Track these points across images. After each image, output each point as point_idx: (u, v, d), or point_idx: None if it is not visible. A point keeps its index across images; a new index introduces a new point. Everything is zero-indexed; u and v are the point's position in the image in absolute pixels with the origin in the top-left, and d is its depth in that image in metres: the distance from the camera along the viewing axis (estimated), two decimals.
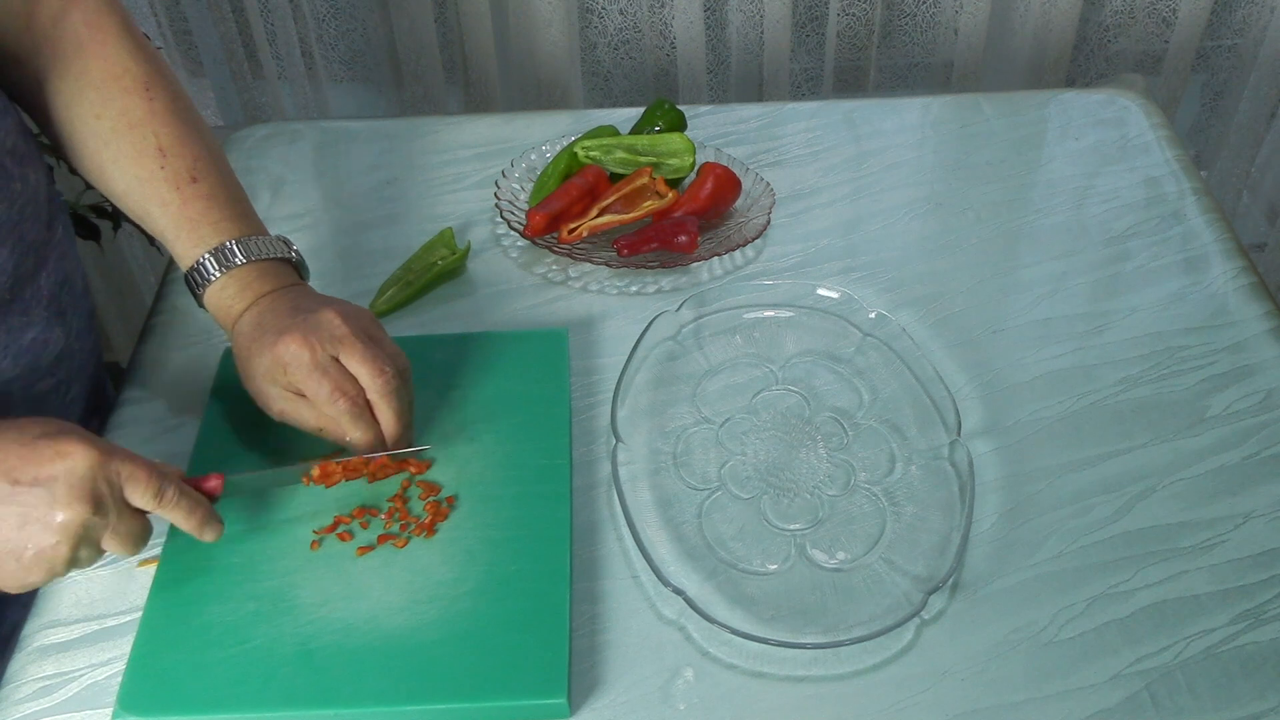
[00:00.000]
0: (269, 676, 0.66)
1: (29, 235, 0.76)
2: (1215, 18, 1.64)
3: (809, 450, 0.80)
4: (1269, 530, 0.75)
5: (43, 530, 0.61)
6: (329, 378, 0.71)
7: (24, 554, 0.62)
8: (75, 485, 0.61)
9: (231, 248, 0.76)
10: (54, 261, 0.80)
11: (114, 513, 0.63)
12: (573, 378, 0.85)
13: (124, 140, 0.76)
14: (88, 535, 0.63)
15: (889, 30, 1.65)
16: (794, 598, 0.71)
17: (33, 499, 0.61)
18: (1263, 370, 0.85)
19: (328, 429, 0.72)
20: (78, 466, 0.62)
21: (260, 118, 1.66)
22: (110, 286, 1.75)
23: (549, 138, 1.07)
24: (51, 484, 0.61)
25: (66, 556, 0.62)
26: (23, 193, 0.75)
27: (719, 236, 0.97)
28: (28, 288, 0.76)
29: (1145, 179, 1.04)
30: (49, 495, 0.61)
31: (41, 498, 0.61)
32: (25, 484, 0.61)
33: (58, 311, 0.80)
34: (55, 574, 0.63)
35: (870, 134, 1.10)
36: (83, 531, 0.62)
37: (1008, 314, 0.90)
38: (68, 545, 0.62)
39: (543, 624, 0.68)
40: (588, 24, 1.59)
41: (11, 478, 0.61)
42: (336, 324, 0.71)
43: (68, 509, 0.61)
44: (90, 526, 0.62)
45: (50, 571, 0.63)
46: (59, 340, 0.80)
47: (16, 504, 0.61)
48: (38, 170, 0.78)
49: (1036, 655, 0.68)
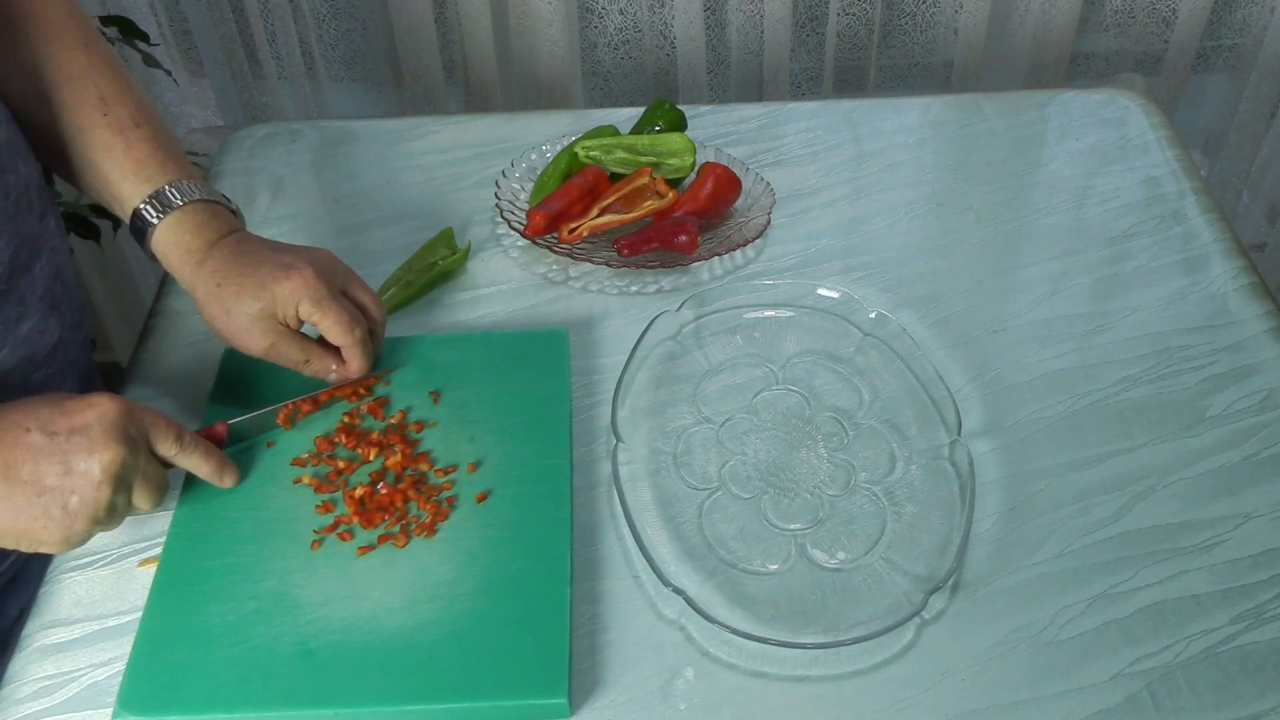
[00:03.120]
0: (269, 676, 0.66)
1: (24, 227, 0.76)
2: (1215, 18, 1.64)
3: (809, 450, 0.80)
4: (1269, 530, 0.75)
5: (85, 474, 0.64)
6: (346, 309, 0.76)
7: (69, 502, 0.64)
8: (109, 428, 0.65)
9: (186, 185, 0.78)
10: (47, 254, 0.80)
11: (143, 456, 0.67)
12: (573, 378, 0.85)
13: (63, 91, 0.77)
14: (124, 477, 0.66)
15: (889, 30, 1.65)
16: (794, 598, 0.71)
17: (71, 446, 0.64)
18: (1263, 370, 0.85)
19: (313, 361, 0.78)
20: (108, 412, 0.65)
21: (260, 118, 1.66)
22: (110, 286, 1.75)
23: (549, 138, 1.07)
24: (88, 430, 0.64)
25: (109, 499, 0.65)
26: (16, 185, 0.75)
27: (719, 236, 0.97)
28: (23, 279, 0.76)
29: (1145, 179, 1.04)
30: (86, 440, 0.64)
31: (79, 444, 0.64)
32: (63, 433, 0.64)
33: (52, 303, 0.80)
34: (97, 521, 0.65)
35: (870, 134, 1.10)
36: (121, 471, 0.65)
37: (1008, 314, 0.90)
38: (109, 486, 0.65)
39: (543, 624, 0.68)
40: (588, 24, 1.59)
41: (48, 430, 0.64)
42: (335, 261, 0.79)
43: (105, 449, 0.64)
44: (127, 467, 0.65)
45: (93, 519, 0.65)
46: (54, 331, 0.80)
47: (57, 453, 0.64)
48: (29, 162, 0.78)
49: (1036, 655, 0.68)
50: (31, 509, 0.64)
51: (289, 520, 0.74)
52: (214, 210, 0.79)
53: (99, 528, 0.67)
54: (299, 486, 0.76)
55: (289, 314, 0.76)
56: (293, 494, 0.75)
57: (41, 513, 0.64)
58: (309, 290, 0.75)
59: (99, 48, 0.80)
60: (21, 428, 0.64)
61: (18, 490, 0.64)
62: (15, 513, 0.64)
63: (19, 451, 0.64)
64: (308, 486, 0.75)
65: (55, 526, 0.65)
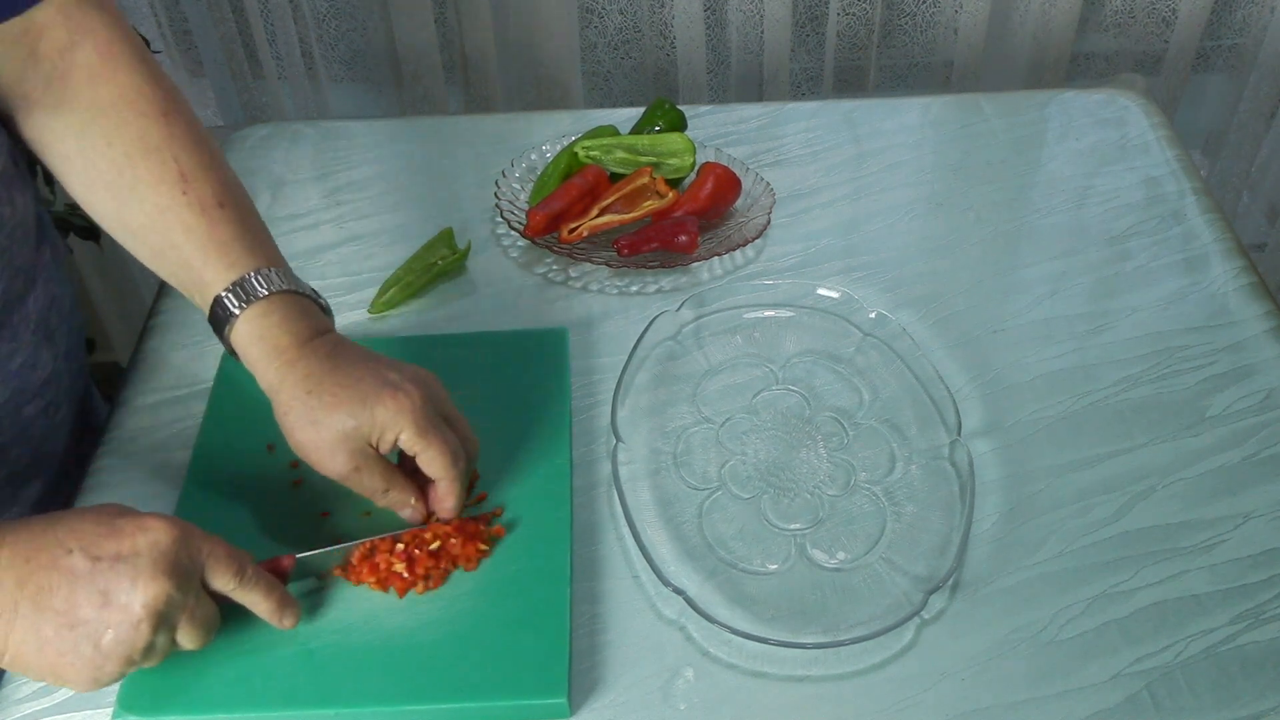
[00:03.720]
0: (269, 676, 0.66)
1: (17, 259, 0.74)
2: (1215, 18, 1.64)
3: (809, 450, 0.80)
4: (1269, 530, 0.75)
5: (125, 609, 0.57)
6: (448, 442, 0.68)
7: (103, 638, 0.57)
8: (159, 558, 0.58)
9: (274, 273, 0.70)
10: (42, 284, 0.78)
11: (193, 593, 0.60)
12: (573, 378, 0.85)
13: (140, 166, 0.70)
14: (168, 616, 0.59)
15: (889, 30, 1.65)
16: (794, 598, 0.71)
17: (115, 575, 0.57)
18: (1263, 370, 0.85)
19: (394, 492, 0.69)
20: (161, 540, 0.58)
21: (260, 118, 1.66)
22: (110, 286, 1.75)
23: (549, 138, 1.07)
24: (135, 559, 0.57)
25: (147, 640, 0.58)
26: (11, 217, 0.73)
27: (719, 236, 0.97)
28: (16, 312, 0.74)
29: (1145, 179, 1.04)
30: (132, 570, 0.57)
31: (124, 573, 0.57)
32: (107, 559, 0.57)
33: (46, 334, 0.78)
34: (131, 663, 0.59)
35: (870, 134, 1.10)
36: (166, 609, 0.58)
37: (1008, 314, 0.90)
38: (149, 625, 0.58)
39: (543, 624, 0.68)
40: (588, 24, 1.59)
41: (92, 555, 0.57)
42: (438, 385, 0.70)
43: (152, 582, 0.57)
44: (173, 605, 0.58)
45: (128, 660, 0.58)
46: (47, 363, 0.78)
47: (97, 582, 0.57)
48: (25, 193, 0.76)
49: (1036, 655, 0.68)
50: (60, 642, 0.57)
51: (289, 521, 0.74)
52: (304, 305, 0.71)
53: (132, 669, 0.60)
54: (300, 488, 0.76)
55: (386, 438, 0.67)
56: (293, 494, 0.75)
57: (70, 648, 0.57)
58: (414, 415, 0.67)
59: (179, 115, 0.72)
60: (64, 548, 0.57)
61: (47, 620, 0.57)
62: (41, 644, 0.57)
63: (55, 575, 0.57)
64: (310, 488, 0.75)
65: (84, 665, 0.57)
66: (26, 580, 0.57)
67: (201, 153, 0.72)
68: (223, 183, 0.72)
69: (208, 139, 0.74)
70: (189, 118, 0.73)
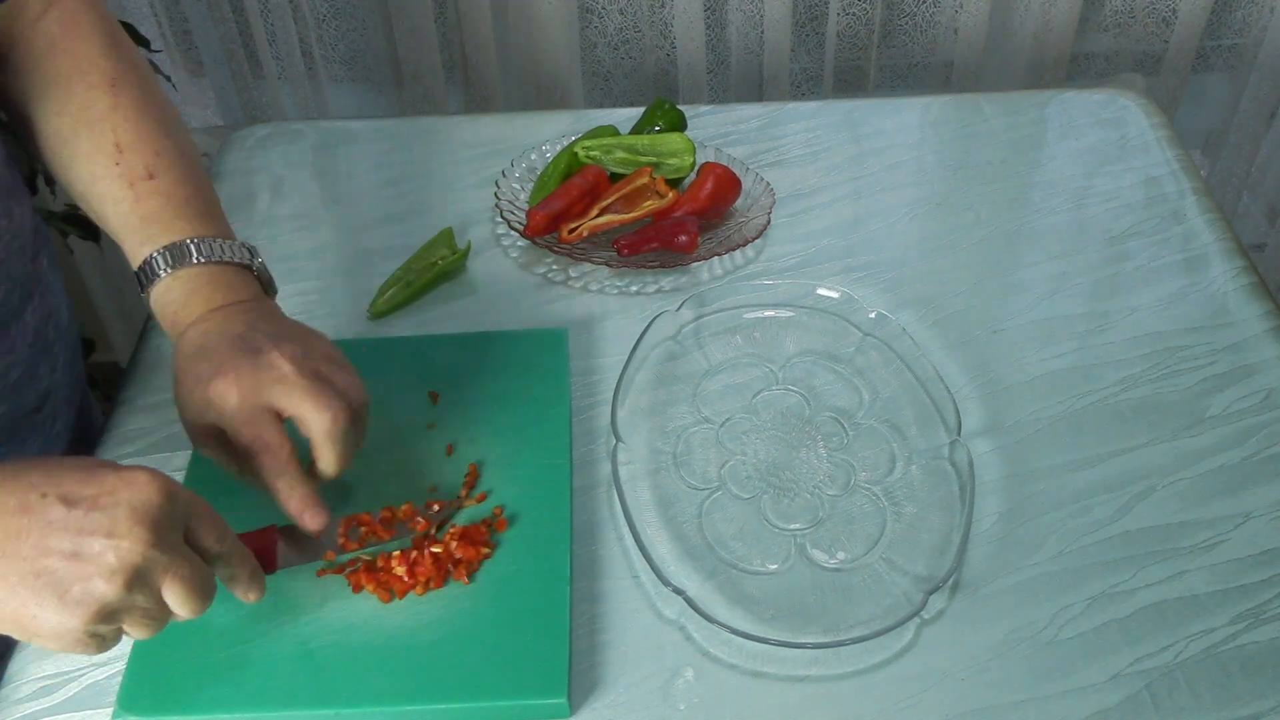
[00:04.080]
0: (269, 676, 0.66)
1: (15, 271, 0.74)
2: (1215, 18, 1.64)
3: (809, 450, 0.80)
4: (1269, 530, 0.75)
5: (96, 559, 0.53)
6: (251, 428, 0.64)
7: (68, 590, 0.53)
8: (140, 510, 0.54)
9: (185, 245, 0.69)
10: (39, 296, 0.78)
11: (177, 552, 0.56)
12: (573, 378, 0.85)
13: (81, 137, 0.72)
14: (145, 574, 0.55)
15: (889, 30, 1.65)
16: (794, 598, 0.71)
17: (90, 523, 0.53)
18: (1263, 370, 0.85)
19: (250, 480, 0.67)
20: (144, 492, 0.55)
21: (260, 118, 1.66)
22: (110, 286, 1.75)
23: (549, 138, 1.07)
24: (114, 509, 0.54)
25: (119, 596, 0.54)
26: (9, 229, 0.73)
27: (719, 236, 0.97)
28: (13, 325, 0.74)
29: (1145, 179, 1.04)
30: (109, 520, 0.54)
31: (99, 522, 0.53)
32: (82, 507, 0.54)
33: (44, 347, 0.78)
34: (100, 618, 0.54)
35: (870, 134, 1.10)
36: (143, 565, 0.54)
37: (1008, 314, 0.90)
38: (123, 579, 0.54)
39: (543, 624, 0.68)
40: (588, 24, 1.59)
41: (67, 500, 0.54)
42: (280, 364, 0.64)
43: (128, 535, 0.53)
44: (151, 562, 0.54)
45: (95, 613, 0.54)
46: (44, 375, 0.78)
47: (69, 529, 0.53)
48: (23, 204, 0.76)
49: (1036, 655, 0.68)
50: (24, 589, 0.53)
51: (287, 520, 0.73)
52: (213, 275, 0.70)
53: (106, 628, 0.55)
54: None
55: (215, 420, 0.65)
56: None
57: (32, 597, 0.53)
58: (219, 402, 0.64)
59: (130, 87, 0.73)
60: (38, 491, 0.54)
61: (13, 565, 0.53)
62: (7, 592, 0.53)
63: (25, 519, 0.53)
64: None
65: (48, 619, 0.53)
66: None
67: (144, 122, 0.72)
68: (157, 153, 0.72)
69: (158, 109, 0.74)
70: (141, 88, 0.74)
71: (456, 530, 0.71)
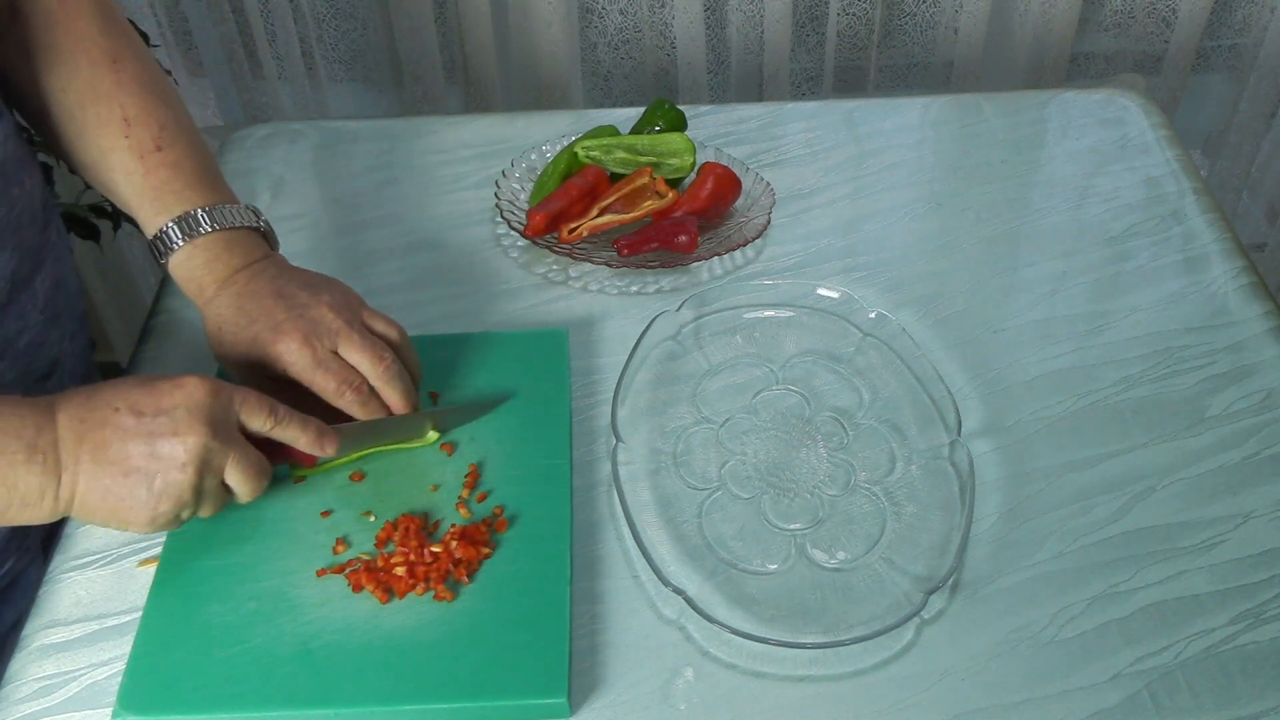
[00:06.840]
0: (269, 676, 0.66)
1: (26, 240, 0.76)
2: (1215, 18, 1.64)
3: (809, 450, 0.80)
4: (1269, 530, 0.75)
5: (170, 457, 0.64)
6: (334, 374, 0.73)
7: (154, 482, 0.65)
8: (194, 410, 0.65)
9: (196, 215, 0.75)
10: (49, 265, 0.80)
11: (234, 441, 0.67)
12: (573, 378, 0.85)
13: (89, 112, 0.76)
14: (210, 461, 0.66)
15: (889, 30, 1.65)
16: (794, 598, 0.71)
17: (158, 427, 0.64)
18: (1263, 370, 0.85)
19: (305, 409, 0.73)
20: (194, 394, 0.66)
21: (260, 118, 1.66)
22: (110, 286, 1.75)
23: (549, 138, 1.07)
24: (174, 411, 0.65)
25: (193, 482, 0.65)
26: (20, 198, 0.75)
27: (719, 236, 0.97)
28: (24, 292, 0.76)
29: (1145, 179, 1.04)
30: (171, 422, 0.65)
31: (165, 425, 0.64)
32: (149, 414, 0.65)
33: (53, 315, 0.79)
34: (183, 503, 0.66)
35: (870, 134, 1.10)
36: (206, 454, 0.65)
37: (1008, 314, 0.90)
38: (194, 468, 0.65)
39: (543, 624, 0.68)
40: (588, 24, 1.59)
41: (136, 411, 0.65)
42: (330, 318, 0.74)
43: (189, 432, 0.64)
44: (212, 452, 0.65)
45: (178, 500, 0.65)
46: (54, 343, 0.80)
47: (143, 434, 0.64)
48: (33, 174, 0.78)
49: (1036, 655, 0.68)
50: (118, 489, 0.64)
51: (289, 520, 0.74)
52: (228, 240, 0.76)
53: (188, 511, 0.67)
54: (300, 485, 0.76)
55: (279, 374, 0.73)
56: (294, 493, 0.75)
57: (127, 493, 0.65)
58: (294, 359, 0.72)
59: (130, 62, 0.77)
60: (111, 407, 0.65)
61: (105, 470, 0.64)
62: (104, 492, 0.65)
63: (107, 431, 0.64)
64: (310, 487, 0.75)
65: (141, 508, 0.65)
66: (84, 437, 0.64)
67: (147, 96, 0.77)
68: (162, 125, 0.77)
69: (157, 82, 0.79)
70: (140, 63, 0.78)
71: (456, 530, 0.71)
